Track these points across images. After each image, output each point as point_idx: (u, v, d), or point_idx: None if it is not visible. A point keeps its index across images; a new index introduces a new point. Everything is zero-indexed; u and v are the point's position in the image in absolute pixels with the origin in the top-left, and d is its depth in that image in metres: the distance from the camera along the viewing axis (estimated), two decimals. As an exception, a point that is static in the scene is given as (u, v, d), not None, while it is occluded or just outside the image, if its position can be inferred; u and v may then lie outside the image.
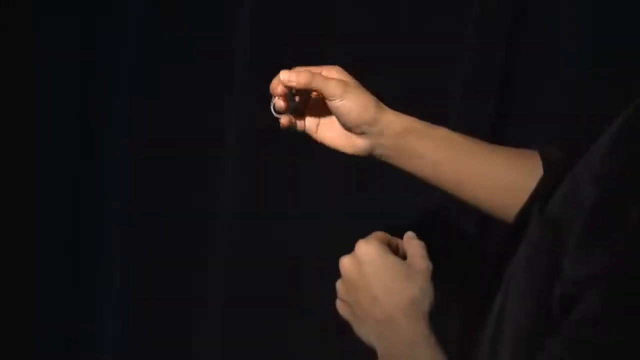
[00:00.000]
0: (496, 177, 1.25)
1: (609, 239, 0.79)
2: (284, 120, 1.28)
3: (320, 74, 1.25)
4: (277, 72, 1.26)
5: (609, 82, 1.56)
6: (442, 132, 1.28)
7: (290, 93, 1.27)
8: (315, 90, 1.25)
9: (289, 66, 1.27)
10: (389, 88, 1.81)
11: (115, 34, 1.93)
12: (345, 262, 1.08)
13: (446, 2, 1.77)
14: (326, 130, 1.29)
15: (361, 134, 1.25)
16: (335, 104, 1.24)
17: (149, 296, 2.03)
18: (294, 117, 1.29)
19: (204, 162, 1.95)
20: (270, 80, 1.28)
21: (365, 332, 1.07)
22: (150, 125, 1.96)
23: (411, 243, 1.11)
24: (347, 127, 1.25)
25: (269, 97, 1.29)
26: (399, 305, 1.05)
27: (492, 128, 1.77)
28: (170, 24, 1.92)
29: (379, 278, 1.06)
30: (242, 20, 1.85)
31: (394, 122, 1.26)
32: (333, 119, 1.27)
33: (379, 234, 1.11)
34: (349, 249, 1.14)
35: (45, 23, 1.90)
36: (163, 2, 1.91)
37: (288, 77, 1.25)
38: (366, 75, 1.85)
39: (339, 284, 1.10)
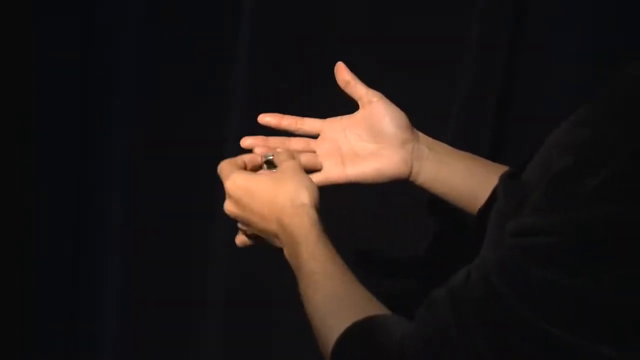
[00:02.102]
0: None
1: (569, 199, 0.84)
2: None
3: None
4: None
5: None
6: (462, 162, 1.30)
7: None
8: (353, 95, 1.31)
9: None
10: (389, 88, 1.81)
11: (115, 34, 1.93)
12: (226, 206, 1.22)
13: (446, 2, 1.77)
14: (357, 164, 1.29)
15: (401, 144, 1.28)
16: (373, 103, 1.30)
17: (149, 296, 2.03)
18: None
19: (204, 162, 1.95)
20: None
21: (276, 244, 1.19)
22: (150, 125, 1.96)
23: (279, 154, 1.24)
24: (387, 133, 1.28)
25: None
26: (282, 209, 1.15)
27: (492, 128, 1.77)
28: (170, 24, 1.92)
29: (256, 198, 1.18)
30: (242, 20, 1.85)
31: (423, 136, 1.31)
32: (358, 152, 1.29)
33: (225, 166, 1.23)
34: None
35: (45, 23, 1.90)
36: (163, 2, 1.92)
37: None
38: (366, 76, 1.85)
39: (240, 226, 1.25)
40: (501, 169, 1.30)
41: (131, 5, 1.91)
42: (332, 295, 1.05)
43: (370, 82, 1.81)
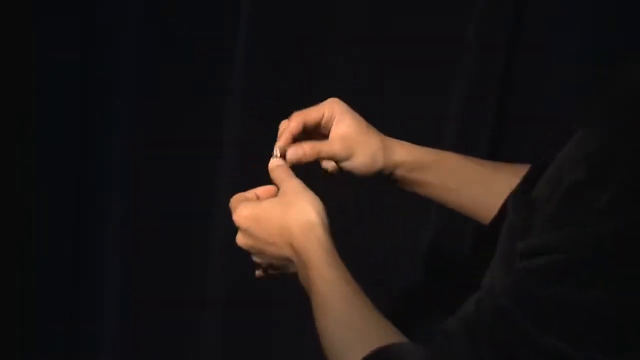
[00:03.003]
0: (501, 195, 1.26)
1: (580, 214, 0.84)
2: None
3: (320, 143, 1.27)
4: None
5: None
6: (450, 162, 1.31)
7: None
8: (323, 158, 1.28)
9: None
10: (389, 88, 1.82)
11: (115, 34, 1.93)
12: (238, 239, 1.20)
13: (446, 2, 1.77)
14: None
15: (375, 175, 1.29)
16: (344, 165, 1.28)
17: (149, 296, 2.03)
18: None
19: (204, 162, 1.95)
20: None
21: (291, 271, 1.17)
22: (150, 125, 1.96)
23: (274, 172, 1.22)
24: (362, 176, 1.29)
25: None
26: (293, 233, 1.12)
27: (492, 128, 1.77)
28: (170, 24, 1.91)
29: (265, 228, 1.15)
30: (242, 20, 1.85)
31: (404, 159, 1.29)
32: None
33: (235, 200, 1.22)
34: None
35: (45, 23, 1.90)
36: (163, 2, 1.91)
37: (295, 156, 1.27)
38: (366, 76, 1.85)
39: (254, 258, 1.21)
40: (500, 169, 1.30)
41: (131, 5, 1.91)
42: (344, 320, 1.04)
43: (370, 82, 1.82)
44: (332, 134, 1.28)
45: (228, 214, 1.26)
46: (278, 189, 1.21)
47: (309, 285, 1.09)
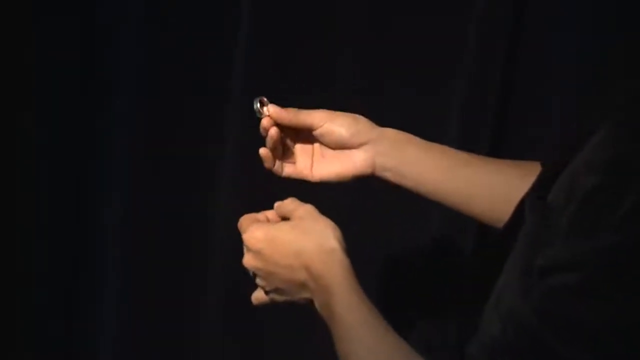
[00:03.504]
0: (495, 189, 1.25)
1: (599, 224, 0.82)
2: (266, 121, 1.28)
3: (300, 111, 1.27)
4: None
5: (609, 83, 1.55)
6: (437, 146, 1.30)
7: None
8: (301, 126, 1.27)
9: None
10: (389, 88, 1.82)
11: (115, 34, 1.93)
12: (246, 260, 1.15)
13: (446, 2, 1.77)
14: (321, 166, 1.30)
15: (359, 146, 1.26)
16: (324, 127, 1.26)
17: (149, 296, 2.03)
18: (286, 165, 1.32)
19: (204, 162, 1.95)
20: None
21: (303, 297, 1.12)
22: (150, 125, 1.96)
23: (282, 205, 1.18)
24: (344, 142, 1.26)
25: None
26: (312, 257, 1.08)
27: (492, 128, 1.77)
28: (170, 24, 1.91)
29: (280, 251, 1.11)
30: (242, 20, 1.85)
31: (391, 131, 1.28)
32: (324, 153, 1.29)
33: (245, 220, 1.18)
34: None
35: (45, 23, 1.90)
36: (163, 2, 1.91)
37: (277, 115, 1.26)
38: (366, 76, 1.86)
39: (259, 281, 1.16)
40: (489, 162, 1.29)
41: (131, 5, 1.91)
42: (371, 348, 1.02)
43: (370, 82, 1.82)
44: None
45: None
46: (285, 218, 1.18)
47: (330, 311, 1.06)
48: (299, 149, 1.31)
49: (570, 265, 0.84)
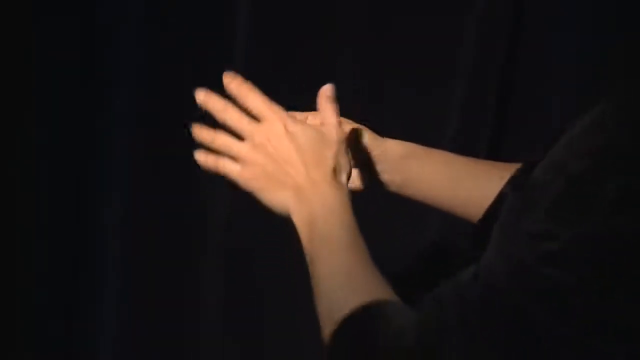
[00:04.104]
0: (494, 191, 1.25)
1: (583, 208, 0.83)
2: None
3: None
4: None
5: (609, 83, 1.55)
6: (440, 156, 1.30)
7: None
8: None
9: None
10: (389, 88, 1.82)
11: (115, 34, 1.93)
12: (275, 130, 1.13)
13: (446, 2, 1.77)
14: None
15: (363, 165, 1.26)
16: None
17: (149, 296, 2.03)
18: None
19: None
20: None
21: (281, 197, 1.11)
22: (150, 125, 1.96)
23: (327, 108, 1.15)
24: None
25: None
26: (325, 173, 1.09)
27: (492, 128, 1.77)
28: (170, 24, 1.91)
29: (309, 146, 1.10)
30: (242, 20, 1.85)
31: (395, 146, 1.28)
32: None
33: (289, 115, 1.15)
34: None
35: (45, 23, 1.90)
36: (163, 2, 1.91)
37: None
38: (366, 76, 1.85)
39: (248, 151, 1.14)
40: (492, 167, 1.30)
41: (131, 5, 1.91)
42: (354, 269, 1.03)
43: (370, 82, 1.82)
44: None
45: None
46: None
47: (323, 224, 1.06)
48: None
49: (554, 237, 0.85)
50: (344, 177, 1.11)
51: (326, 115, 1.15)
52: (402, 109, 1.78)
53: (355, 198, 1.80)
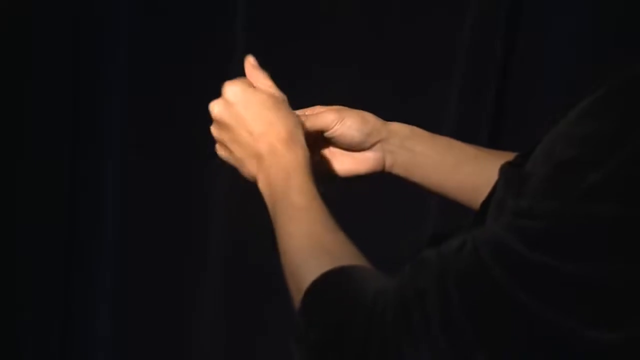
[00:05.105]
0: (494, 178, 1.26)
1: (562, 193, 0.85)
2: None
3: (315, 115, 1.26)
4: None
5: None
6: (444, 140, 1.31)
7: None
8: (312, 130, 1.26)
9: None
10: (387, 88, 1.82)
11: (114, 35, 1.93)
12: (215, 105, 1.15)
13: (445, 2, 1.78)
14: (333, 164, 1.30)
15: (370, 147, 1.27)
16: (335, 129, 1.25)
17: (146, 296, 2.03)
18: None
19: (203, 162, 1.95)
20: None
21: (249, 169, 1.12)
22: (148, 125, 1.97)
23: (257, 74, 1.18)
24: (356, 145, 1.27)
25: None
26: (279, 135, 1.10)
27: (491, 128, 1.77)
28: (169, 24, 1.92)
29: (253, 113, 1.12)
30: (241, 19, 1.85)
31: (400, 127, 1.29)
32: (333, 151, 1.29)
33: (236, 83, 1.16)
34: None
35: (44, 24, 1.90)
36: (162, 3, 1.92)
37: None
38: (365, 76, 1.85)
39: (213, 129, 1.17)
40: (494, 154, 1.31)
41: (130, 5, 1.91)
42: (315, 232, 1.03)
43: (369, 82, 1.82)
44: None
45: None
46: None
47: (282, 190, 1.06)
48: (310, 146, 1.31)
49: (534, 216, 0.86)
50: (298, 136, 1.11)
51: (258, 80, 1.18)
52: (401, 109, 1.77)
53: (356, 198, 1.81)
